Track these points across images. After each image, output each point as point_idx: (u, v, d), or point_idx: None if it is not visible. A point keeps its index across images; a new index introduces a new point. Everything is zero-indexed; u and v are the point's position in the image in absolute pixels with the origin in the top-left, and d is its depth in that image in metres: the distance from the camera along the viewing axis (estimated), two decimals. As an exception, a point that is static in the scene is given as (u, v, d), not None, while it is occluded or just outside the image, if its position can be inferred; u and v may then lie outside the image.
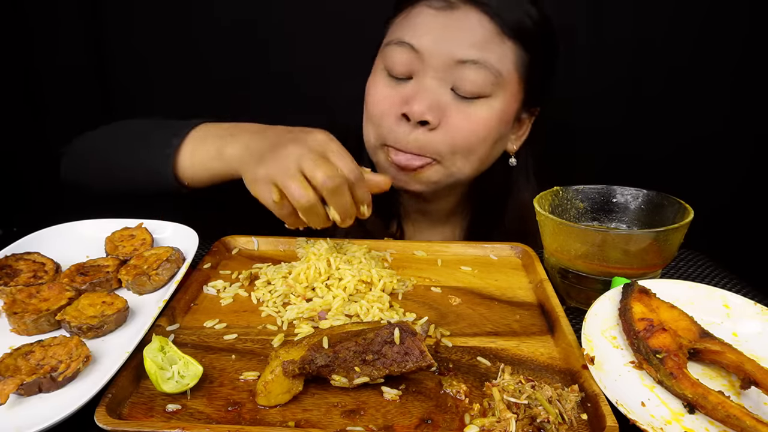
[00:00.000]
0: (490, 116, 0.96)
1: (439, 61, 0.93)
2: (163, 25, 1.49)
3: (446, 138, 0.96)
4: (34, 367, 0.64)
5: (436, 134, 0.96)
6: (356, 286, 0.82)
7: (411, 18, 0.96)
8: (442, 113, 0.95)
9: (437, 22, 0.93)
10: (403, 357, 0.63)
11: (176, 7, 1.47)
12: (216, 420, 0.60)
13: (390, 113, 0.98)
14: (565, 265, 0.85)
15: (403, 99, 0.96)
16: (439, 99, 0.95)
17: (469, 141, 0.97)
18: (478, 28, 0.92)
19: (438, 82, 0.94)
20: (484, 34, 0.93)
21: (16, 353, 0.66)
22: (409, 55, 0.94)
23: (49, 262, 0.85)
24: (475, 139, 0.97)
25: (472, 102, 0.95)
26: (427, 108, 0.93)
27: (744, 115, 1.46)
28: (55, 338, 0.69)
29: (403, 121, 0.96)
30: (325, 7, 1.44)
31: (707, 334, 0.68)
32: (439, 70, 0.94)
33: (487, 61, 0.92)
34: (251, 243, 0.99)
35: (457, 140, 0.96)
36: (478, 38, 0.92)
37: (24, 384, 0.61)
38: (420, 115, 0.93)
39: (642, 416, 0.59)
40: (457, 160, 0.99)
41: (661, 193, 0.89)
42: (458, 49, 0.92)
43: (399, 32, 0.97)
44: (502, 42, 0.94)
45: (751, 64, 1.42)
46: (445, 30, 0.93)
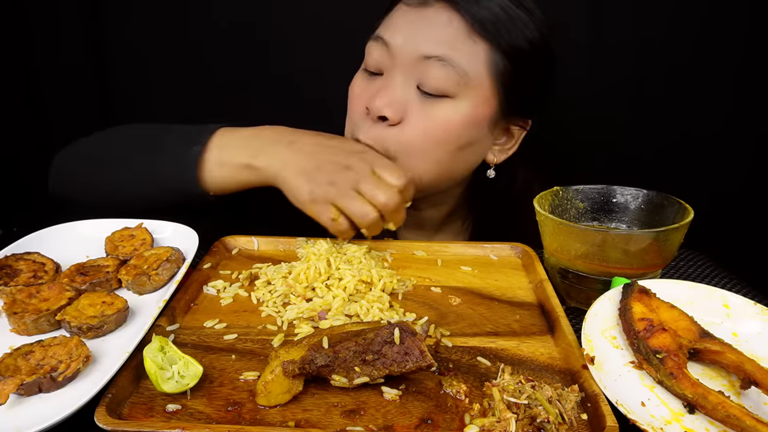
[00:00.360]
0: (451, 117, 0.92)
1: (407, 57, 0.92)
2: (163, 27, 1.49)
3: (401, 136, 0.93)
4: (34, 367, 0.64)
5: (393, 130, 0.93)
6: (356, 286, 0.82)
7: (390, 16, 0.97)
8: (403, 110, 0.92)
9: (409, 19, 0.93)
10: (403, 357, 0.63)
11: (176, 9, 1.47)
12: (216, 420, 0.60)
13: (361, 108, 0.97)
14: (565, 265, 0.85)
15: (371, 94, 0.95)
16: (402, 96, 0.93)
17: (424, 141, 0.93)
18: (446, 25, 0.91)
19: (404, 79, 0.93)
20: (453, 31, 0.91)
21: (16, 353, 0.66)
22: (381, 51, 0.94)
23: (49, 262, 0.85)
24: (432, 140, 0.93)
25: (436, 101, 0.92)
26: (386, 103, 0.91)
27: (745, 115, 1.46)
28: (55, 338, 0.69)
29: (367, 116, 0.95)
30: (323, 9, 1.44)
31: (707, 334, 0.68)
32: (407, 67, 0.92)
33: (453, 59, 0.90)
34: (251, 243, 0.99)
35: (412, 139, 0.93)
36: (445, 35, 0.91)
37: (24, 384, 0.61)
38: (378, 110, 0.92)
39: (642, 416, 0.59)
40: (410, 161, 0.94)
41: (661, 193, 0.89)
42: (424, 45, 0.90)
43: (379, 29, 0.98)
44: (472, 42, 0.91)
45: (752, 63, 1.42)
46: (415, 26, 0.92)
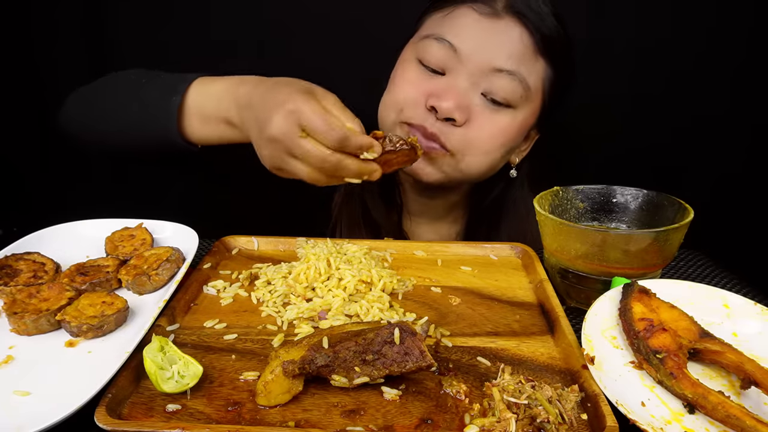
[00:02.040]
0: (511, 125, 1.00)
1: (476, 65, 0.96)
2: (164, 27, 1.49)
3: (466, 136, 0.99)
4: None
5: (459, 131, 0.99)
6: (356, 286, 0.82)
7: (454, 17, 0.98)
8: (468, 113, 0.98)
9: (480, 27, 0.96)
10: (403, 357, 0.63)
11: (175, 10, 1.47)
12: (216, 420, 0.60)
13: (418, 100, 1.00)
14: (565, 265, 0.85)
15: (432, 91, 0.98)
16: (469, 100, 0.98)
17: (487, 144, 1.01)
18: (518, 41, 0.96)
19: (470, 85, 0.98)
20: (523, 47, 0.96)
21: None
22: (447, 52, 0.97)
23: (49, 262, 0.85)
24: (493, 144, 1.01)
25: (499, 109, 0.99)
26: (455, 106, 0.96)
27: (745, 115, 1.46)
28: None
29: (429, 112, 0.99)
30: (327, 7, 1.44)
31: (707, 334, 0.68)
32: (474, 74, 0.97)
33: (521, 73, 0.96)
34: (251, 243, 0.99)
35: (477, 141, 1.00)
36: (516, 50, 0.96)
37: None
38: (448, 111, 0.96)
39: (642, 416, 0.59)
40: (470, 158, 1.02)
41: (661, 193, 0.89)
42: (496, 58, 0.95)
43: (440, 29, 0.99)
44: (536, 58, 0.98)
45: (752, 67, 1.42)
46: (487, 36, 0.96)
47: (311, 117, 0.77)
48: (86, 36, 1.51)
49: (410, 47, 1.05)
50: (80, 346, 0.71)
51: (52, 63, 1.54)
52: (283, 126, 0.78)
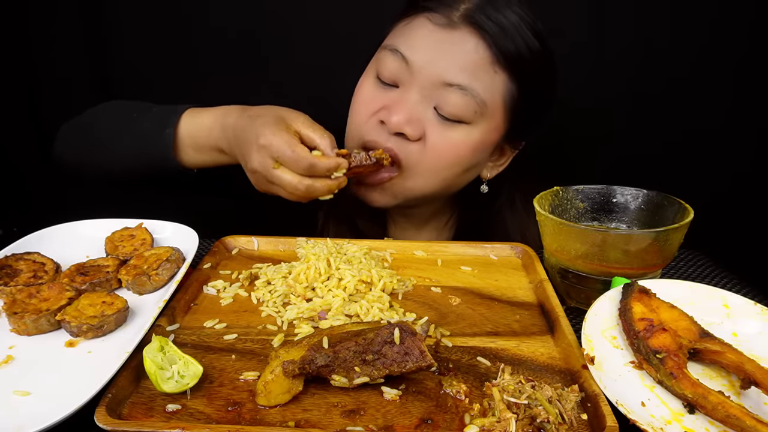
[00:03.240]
0: (465, 143, 0.95)
1: (427, 78, 0.93)
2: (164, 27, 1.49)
3: (423, 152, 0.96)
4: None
5: (412, 146, 0.96)
6: (356, 286, 0.82)
7: (411, 28, 0.95)
8: (421, 129, 0.94)
9: (434, 38, 0.92)
10: (403, 357, 0.63)
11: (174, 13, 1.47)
12: (216, 420, 0.60)
13: (371, 116, 0.97)
14: (565, 265, 0.85)
15: (385, 105, 0.96)
16: (420, 114, 0.94)
17: (437, 163, 0.96)
18: (472, 54, 0.91)
19: (422, 98, 0.94)
20: (477, 60, 0.91)
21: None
22: (399, 64, 0.94)
23: (49, 262, 0.85)
24: (445, 163, 0.97)
25: (452, 125, 0.94)
26: (405, 120, 0.93)
27: (745, 115, 1.47)
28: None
29: (381, 125, 0.96)
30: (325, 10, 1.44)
31: (707, 334, 0.68)
32: (426, 87, 0.93)
33: (474, 89, 0.91)
34: (251, 243, 0.99)
35: (432, 158, 0.96)
36: (470, 63, 0.91)
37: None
38: (398, 126, 0.93)
39: (642, 416, 0.59)
40: (417, 178, 0.98)
41: (661, 193, 0.89)
42: (448, 71, 0.91)
43: (396, 39, 0.96)
44: (494, 72, 0.92)
45: (752, 64, 1.42)
46: (440, 48, 0.92)
47: (280, 150, 0.85)
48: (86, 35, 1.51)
49: (373, 59, 1.02)
50: (80, 346, 0.71)
51: (50, 63, 1.54)
52: (258, 160, 0.87)
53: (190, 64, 1.51)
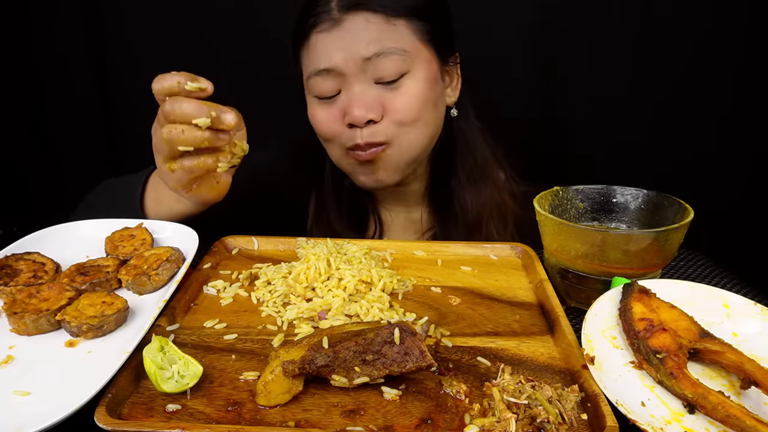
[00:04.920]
0: (418, 86, 1.04)
1: (353, 68, 1.01)
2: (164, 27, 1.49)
3: (391, 123, 1.04)
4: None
5: (382, 124, 1.04)
6: (356, 286, 0.82)
7: (313, 47, 1.03)
8: (379, 107, 1.03)
9: (332, 39, 1.01)
10: (403, 357, 0.63)
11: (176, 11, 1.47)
12: (216, 420, 0.60)
13: (338, 127, 1.06)
14: (565, 265, 0.85)
15: (342, 112, 1.04)
16: (372, 96, 1.03)
17: (410, 116, 1.05)
18: (368, 27, 1.00)
19: (362, 84, 1.03)
20: (375, 28, 1.00)
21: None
22: (329, 77, 1.03)
23: (49, 262, 0.85)
24: (415, 110, 1.05)
25: (398, 84, 1.03)
26: (365, 110, 1.02)
27: (745, 115, 1.46)
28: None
29: (353, 129, 1.04)
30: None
31: (707, 334, 0.68)
32: (356, 75, 1.02)
33: (390, 47, 1.00)
34: (251, 243, 0.99)
35: (402, 117, 1.04)
36: (372, 35, 1.00)
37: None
38: (362, 118, 1.02)
39: (642, 416, 0.59)
40: (404, 135, 1.06)
41: (661, 193, 0.89)
42: (360, 50, 1.00)
43: (311, 63, 1.04)
44: (394, 26, 1.01)
45: (753, 63, 1.42)
46: (343, 42, 1.00)
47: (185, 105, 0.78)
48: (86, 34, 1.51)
49: (307, 92, 1.10)
50: (80, 346, 0.71)
51: (51, 63, 1.54)
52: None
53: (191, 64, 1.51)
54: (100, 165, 1.63)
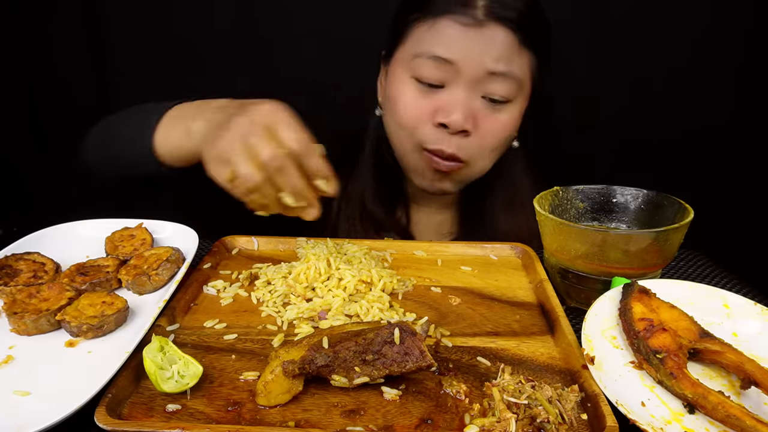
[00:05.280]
0: (512, 119, 1.06)
1: (472, 73, 0.99)
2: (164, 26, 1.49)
3: (479, 142, 1.04)
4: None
5: (471, 139, 1.03)
6: (356, 286, 0.82)
7: (439, 30, 0.99)
8: (475, 120, 1.02)
9: (467, 37, 0.98)
10: (403, 357, 0.63)
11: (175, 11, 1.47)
12: (216, 420, 0.60)
13: (426, 121, 1.03)
14: (565, 265, 0.85)
15: (437, 108, 1.02)
16: (472, 108, 1.02)
17: (496, 142, 1.06)
18: (505, 43, 0.99)
19: (470, 93, 1.01)
20: (509, 48, 0.99)
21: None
22: (442, 67, 1.00)
23: (49, 262, 0.85)
24: (501, 140, 1.07)
25: (500, 107, 1.03)
26: (464, 118, 1.00)
27: (745, 115, 1.46)
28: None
29: (440, 129, 1.02)
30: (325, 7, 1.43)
31: (707, 334, 0.68)
32: (471, 81, 1.00)
33: (513, 72, 1.00)
34: (251, 243, 0.99)
35: (487, 142, 1.05)
36: (505, 52, 0.99)
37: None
38: (459, 125, 1.00)
39: (642, 416, 0.59)
40: (482, 159, 1.08)
41: (661, 193, 0.89)
42: (489, 63, 0.98)
43: (427, 45, 1.00)
44: (522, 53, 1.01)
45: (753, 62, 1.42)
46: (476, 45, 0.98)
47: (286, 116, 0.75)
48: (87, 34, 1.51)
49: (401, 65, 1.05)
50: (80, 346, 0.71)
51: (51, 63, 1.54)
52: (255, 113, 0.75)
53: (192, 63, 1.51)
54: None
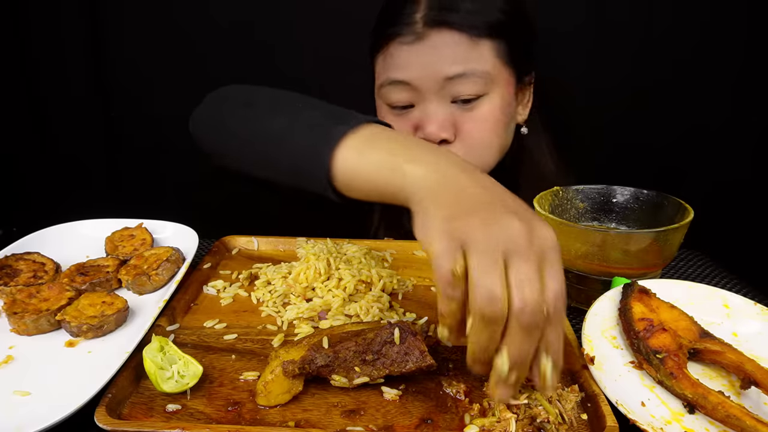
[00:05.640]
0: (493, 108, 1.02)
1: (431, 85, 0.99)
2: (164, 26, 1.49)
3: (464, 145, 1.02)
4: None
5: (455, 146, 1.02)
6: (356, 286, 0.82)
7: (391, 56, 1.01)
8: (453, 127, 1.01)
9: (414, 53, 0.98)
10: (403, 357, 0.63)
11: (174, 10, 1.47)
12: (216, 420, 0.60)
13: None
14: (565, 265, 0.84)
15: (414, 126, 1.03)
16: (447, 115, 1.01)
17: (483, 139, 1.04)
18: (452, 46, 0.97)
19: (438, 103, 1.00)
20: (459, 47, 0.97)
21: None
22: (403, 89, 1.01)
23: (49, 262, 0.85)
24: (488, 135, 1.04)
25: (474, 104, 1.01)
26: (438, 128, 0.99)
27: (745, 114, 1.46)
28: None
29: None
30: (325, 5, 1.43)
31: (707, 334, 0.68)
32: (434, 92, 0.99)
33: (473, 69, 0.98)
34: (251, 243, 0.99)
35: (474, 142, 1.03)
36: (456, 54, 0.97)
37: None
38: (436, 137, 1.00)
39: (642, 416, 0.59)
40: (479, 158, 1.05)
41: (661, 193, 0.89)
42: (443, 70, 0.97)
43: (386, 73, 1.02)
44: (477, 45, 0.98)
45: (754, 62, 1.42)
46: (425, 58, 0.98)
47: (560, 260, 0.55)
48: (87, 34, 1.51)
49: (378, 97, 1.08)
50: (80, 346, 0.71)
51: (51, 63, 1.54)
52: (543, 235, 0.54)
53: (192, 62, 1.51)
54: (101, 165, 1.63)
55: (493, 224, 0.52)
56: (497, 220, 0.53)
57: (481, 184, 0.59)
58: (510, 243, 0.52)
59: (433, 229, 0.54)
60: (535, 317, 0.51)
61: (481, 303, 0.50)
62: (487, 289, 0.50)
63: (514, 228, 0.52)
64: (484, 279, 0.50)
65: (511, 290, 0.51)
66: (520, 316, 0.50)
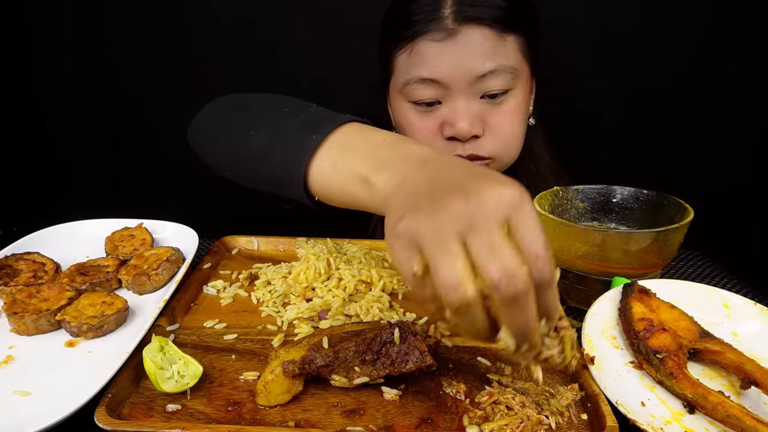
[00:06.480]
0: (518, 103, 1.04)
1: (462, 83, 0.99)
2: (164, 26, 1.49)
3: (494, 139, 1.04)
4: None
5: (485, 140, 1.03)
6: (356, 286, 0.82)
7: (418, 54, 1.00)
8: (482, 122, 1.02)
9: (444, 51, 0.98)
10: (403, 357, 0.63)
11: (176, 8, 1.47)
12: (216, 420, 0.60)
13: (435, 137, 1.04)
14: (565, 265, 0.85)
15: (441, 123, 1.03)
16: (475, 111, 1.01)
17: (512, 132, 1.06)
18: (483, 42, 0.97)
19: (467, 99, 1.00)
20: (490, 44, 0.98)
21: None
22: (432, 87, 1.00)
23: (49, 262, 0.85)
24: (515, 128, 1.06)
25: (501, 99, 1.02)
26: (469, 125, 1.00)
27: (745, 114, 1.46)
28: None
29: (452, 141, 1.03)
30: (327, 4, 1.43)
31: (707, 334, 0.68)
32: (464, 88, 1.00)
33: (503, 64, 0.99)
34: (251, 243, 0.99)
35: (503, 136, 1.04)
36: (488, 50, 0.98)
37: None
38: (467, 132, 1.00)
39: (642, 416, 0.59)
40: (508, 149, 1.07)
41: (661, 193, 0.89)
42: (475, 67, 0.97)
43: (412, 71, 1.01)
44: (506, 41, 0.99)
45: (753, 62, 1.42)
46: (456, 56, 0.97)
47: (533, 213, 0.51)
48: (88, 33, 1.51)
49: (397, 94, 1.07)
50: (80, 346, 0.71)
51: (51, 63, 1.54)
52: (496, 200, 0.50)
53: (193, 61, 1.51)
54: (101, 165, 1.63)
55: (436, 213, 0.51)
56: (440, 206, 0.51)
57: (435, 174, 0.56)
58: (459, 223, 0.49)
59: (388, 236, 0.54)
60: (513, 287, 0.48)
61: (445, 295, 0.49)
62: (443, 279, 0.48)
63: (459, 206, 0.50)
64: (440, 270, 0.49)
65: (479, 269, 0.48)
66: (498, 291, 0.48)
